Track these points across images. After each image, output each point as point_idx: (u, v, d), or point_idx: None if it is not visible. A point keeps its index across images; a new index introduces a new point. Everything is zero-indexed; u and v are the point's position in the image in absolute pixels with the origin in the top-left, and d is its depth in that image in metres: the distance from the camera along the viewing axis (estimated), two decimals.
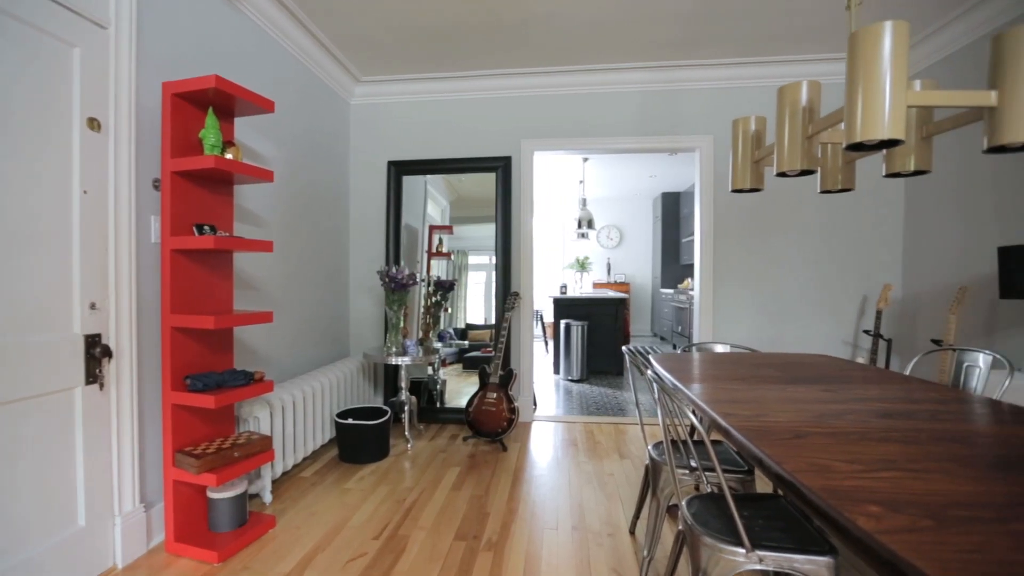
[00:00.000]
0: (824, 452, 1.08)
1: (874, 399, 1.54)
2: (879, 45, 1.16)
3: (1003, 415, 1.37)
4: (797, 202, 3.70)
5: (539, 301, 9.02)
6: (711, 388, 1.69)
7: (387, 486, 2.69)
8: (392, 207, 3.96)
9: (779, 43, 3.31)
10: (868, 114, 1.15)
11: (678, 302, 7.27)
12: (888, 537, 0.73)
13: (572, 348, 5.48)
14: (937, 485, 0.91)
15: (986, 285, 2.89)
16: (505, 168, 3.88)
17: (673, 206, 8.39)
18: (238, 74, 2.56)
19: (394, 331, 3.46)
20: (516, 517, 2.36)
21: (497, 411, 3.32)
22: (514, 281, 3.90)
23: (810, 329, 3.72)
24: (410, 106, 3.97)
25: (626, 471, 2.92)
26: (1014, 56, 1.11)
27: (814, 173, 1.65)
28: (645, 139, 3.78)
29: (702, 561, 1.31)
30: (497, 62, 3.61)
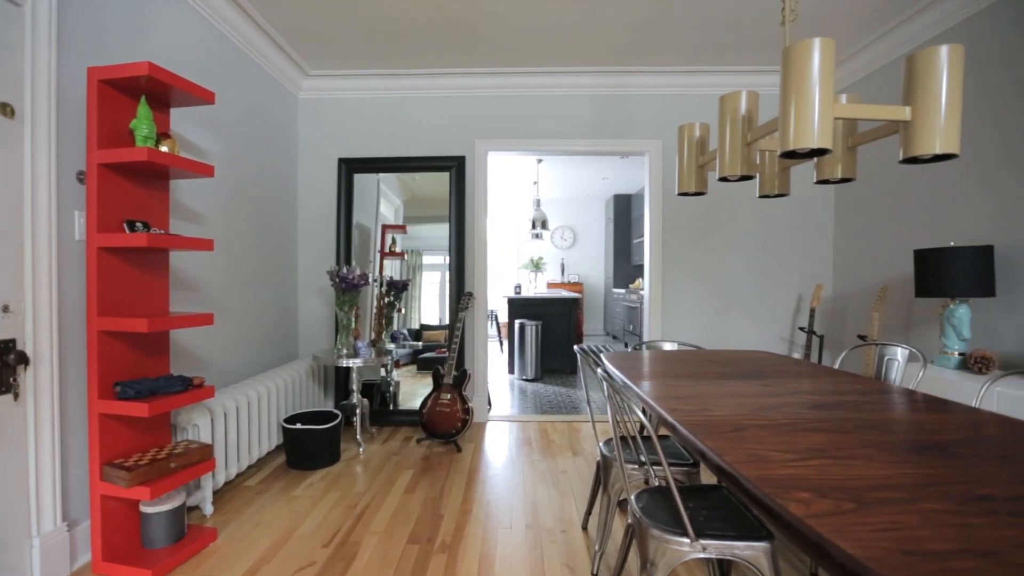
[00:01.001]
0: (761, 443, 1.14)
1: (807, 392, 1.63)
2: (809, 60, 1.23)
3: (918, 404, 1.50)
4: (739, 206, 3.89)
5: (494, 301, 9.04)
6: (659, 385, 1.75)
7: (338, 492, 2.62)
8: (343, 205, 3.86)
9: (724, 54, 3.46)
10: (800, 124, 1.23)
11: (630, 301, 7.47)
12: (815, 520, 0.78)
13: (526, 348, 5.52)
14: (859, 470, 0.98)
15: (904, 285, 3.13)
16: (459, 168, 3.86)
17: (625, 208, 8.61)
18: (176, 63, 2.42)
19: (345, 332, 3.38)
20: (470, 518, 2.35)
21: (451, 412, 3.30)
22: (468, 281, 3.89)
23: (751, 326, 3.91)
24: (362, 102, 3.88)
25: (579, 468, 2.97)
26: (924, 75, 1.22)
27: (753, 178, 1.74)
28: (597, 142, 3.86)
29: (650, 552, 1.35)
30: (451, 61, 3.59)
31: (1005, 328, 2.48)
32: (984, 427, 1.26)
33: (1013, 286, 2.43)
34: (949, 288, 2.44)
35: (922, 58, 1.23)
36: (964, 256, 2.41)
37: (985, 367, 2.33)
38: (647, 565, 1.35)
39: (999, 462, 1.02)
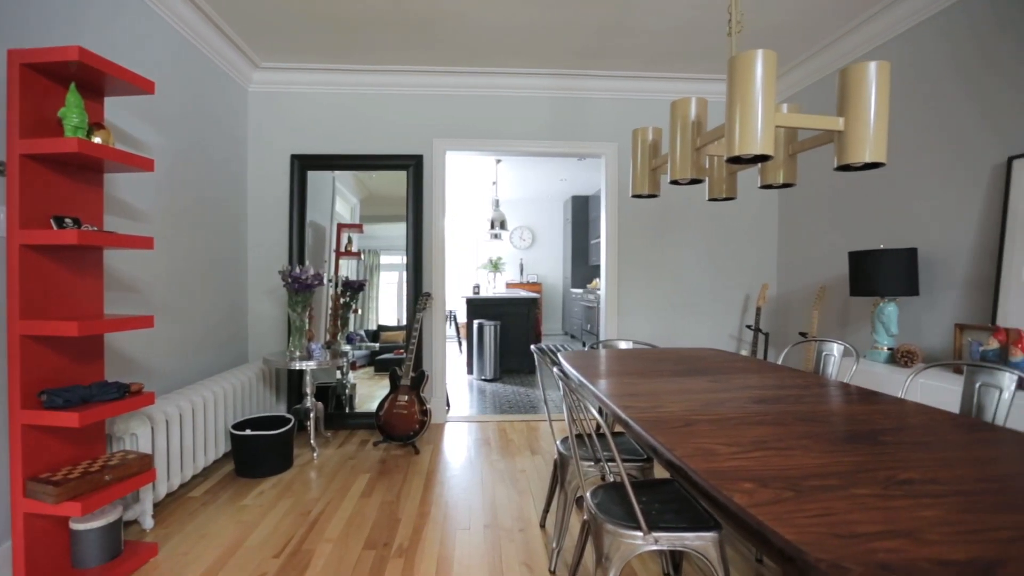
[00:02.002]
0: (709, 437, 1.18)
1: (752, 387, 1.71)
2: (753, 70, 1.29)
3: (851, 396, 1.59)
4: (691, 208, 4.02)
5: (452, 302, 8.98)
6: (614, 383, 1.79)
7: (290, 499, 2.54)
8: (296, 203, 3.74)
9: (676, 61, 3.58)
10: (744, 131, 1.28)
11: (587, 301, 7.60)
12: (757, 509, 0.82)
13: (485, 348, 5.51)
14: (798, 460, 1.03)
15: (841, 285, 3.33)
16: (417, 167, 3.81)
17: (582, 209, 8.74)
18: (113, 50, 2.28)
19: (298, 334, 3.27)
20: (428, 520, 2.33)
21: (409, 414, 3.26)
22: (426, 281, 3.85)
23: (703, 325, 4.06)
24: (316, 97, 3.77)
25: (537, 467, 2.99)
26: (855, 88, 1.30)
27: (703, 182, 1.81)
28: (555, 144, 3.91)
29: (604, 547, 1.38)
30: (410, 58, 3.54)
31: (927, 324, 2.68)
32: (908, 416, 1.35)
33: (934, 285, 2.63)
34: (879, 288, 2.62)
35: (853, 72, 1.31)
36: (892, 258, 2.59)
37: (910, 360, 2.51)
38: (602, 560, 1.38)
39: (920, 448, 1.10)
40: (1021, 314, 2.16)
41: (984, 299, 2.38)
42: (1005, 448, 1.11)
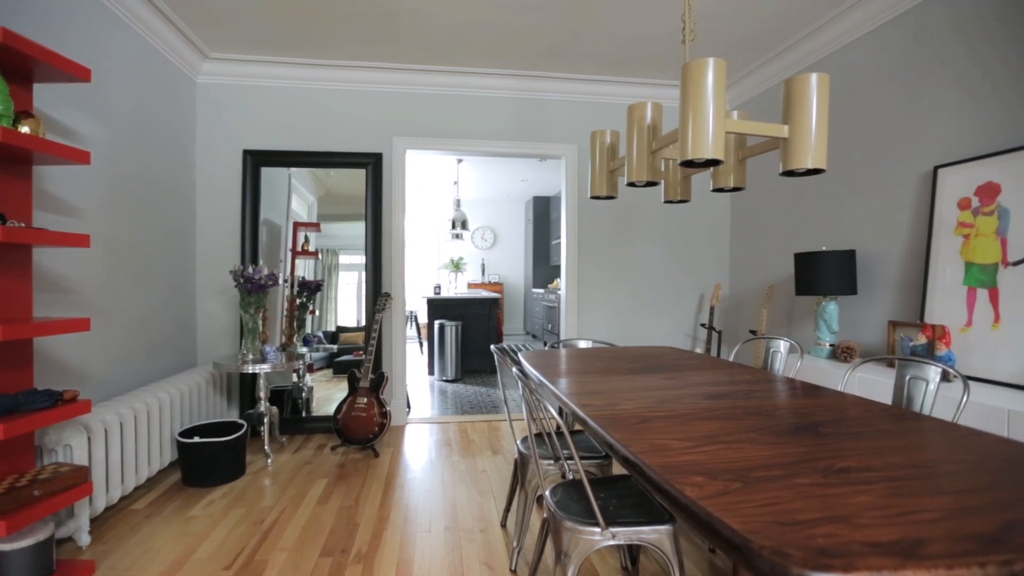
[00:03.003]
0: (663, 433, 1.22)
1: (705, 384, 1.77)
2: (704, 78, 1.34)
3: (796, 390, 1.68)
4: (648, 210, 4.13)
5: (413, 302, 8.87)
6: (573, 382, 1.81)
7: (242, 508, 2.44)
8: (249, 200, 3.60)
9: (634, 66, 3.66)
10: (696, 136, 1.33)
11: (548, 301, 7.67)
12: (707, 501, 0.85)
13: (446, 348, 5.48)
14: (746, 453, 1.08)
15: (787, 284, 3.50)
16: (376, 165, 3.75)
17: (544, 209, 8.82)
18: (46, 34, 2.12)
19: (251, 337, 3.15)
20: (388, 524, 2.29)
21: (368, 416, 3.19)
22: (386, 282, 3.79)
23: (660, 323, 4.17)
24: (271, 91, 3.64)
25: (499, 467, 3.00)
26: (799, 98, 1.37)
27: (658, 185, 1.86)
28: (516, 144, 3.92)
29: (563, 544, 1.40)
30: (370, 55, 3.47)
31: (865, 321, 2.85)
32: (846, 409, 1.44)
33: (871, 285, 2.80)
34: (821, 287, 2.76)
35: (797, 83, 1.38)
36: (833, 259, 2.74)
37: (849, 356, 2.67)
38: (561, 556, 1.39)
39: (856, 438, 1.17)
40: (946, 312, 2.33)
41: (914, 298, 2.55)
42: (930, 436, 1.19)
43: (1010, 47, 2.14)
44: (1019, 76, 2.11)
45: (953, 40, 2.37)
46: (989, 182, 2.19)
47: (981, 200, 2.21)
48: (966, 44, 2.31)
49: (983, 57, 2.24)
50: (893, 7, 2.63)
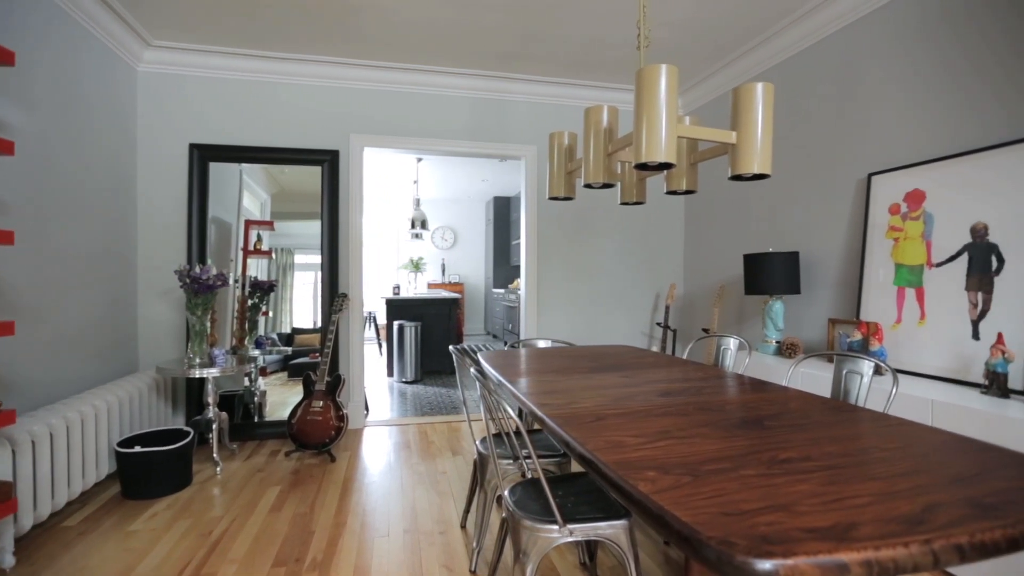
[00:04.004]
0: (618, 430, 1.25)
1: (659, 381, 1.83)
2: (657, 83, 1.38)
3: (744, 386, 1.75)
4: (606, 211, 4.21)
5: (372, 303, 8.71)
6: (531, 381, 1.82)
7: (188, 519, 2.33)
8: (196, 197, 3.44)
9: (592, 70, 3.72)
10: (650, 140, 1.37)
11: (509, 301, 7.69)
12: (659, 496, 0.87)
13: (406, 349, 5.41)
14: (697, 447, 1.12)
15: (737, 284, 3.64)
16: (332, 162, 3.65)
17: (504, 210, 8.84)
18: None
19: (198, 339, 3.01)
20: (345, 530, 2.24)
21: (324, 420, 3.11)
22: (343, 282, 3.70)
23: (618, 322, 4.26)
24: (221, 83, 3.49)
25: (459, 467, 2.98)
26: (746, 106, 1.43)
27: (615, 186, 1.90)
28: (476, 144, 3.92)
29: (522, 542, 1.41)
30: (327, 49, 3.38)
31: (808, 319, 3.00)
32: (789, 402, 1.51)
33: (813, 285, 2.96)
34: (768, 287, 2.90)
35: (743, 92, 1.44)
36: (778, 260, 2.88)
37: (793, 352, 2.81)
38: (520, 555, 1.40)
39: (797, 430, 1.23)
40: (879, 310, 2.49)
41: (851, 297, 2.71)
42: (864, 426, 1.27)
43: (932, 68, 2.31)
44: (939, 94, 2.27)
45: (885, 57, 2.53)
46: (916, 189, 2.35)
47: (909, 206, 2.38)
48: (896, 61, 2.48)
49: (909, 75, 2.41)
50: (832, 22, 2.79)
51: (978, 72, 2.14)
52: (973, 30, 2.16)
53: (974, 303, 2.10)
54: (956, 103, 2.23)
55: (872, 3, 2.57)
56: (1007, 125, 2.05)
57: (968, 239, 2.14)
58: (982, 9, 2.13)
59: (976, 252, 2.11)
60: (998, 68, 2.07)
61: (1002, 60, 2.06)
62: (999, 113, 2.07)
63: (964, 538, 0.73)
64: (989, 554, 0.74)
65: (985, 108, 2.12)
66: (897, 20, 2.47)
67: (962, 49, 2.20)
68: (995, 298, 2.03)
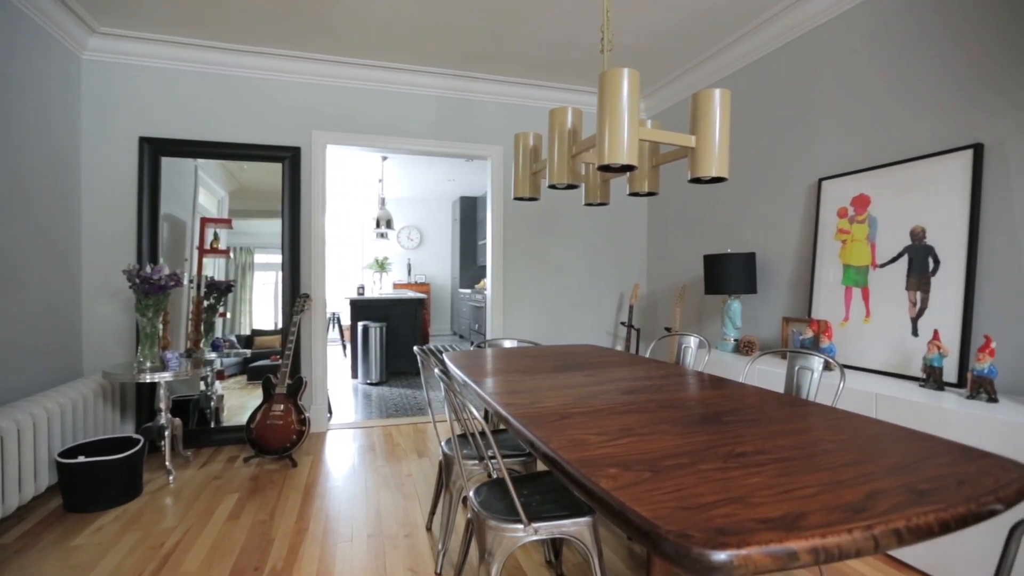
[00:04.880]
0: (582, 428, 1.26)
1: (623, 379, 1.86)
2: (620, 86, 1.40)
3: (704, 383, 1.80)
4: (571, 212, 4.25)
5: (336, 303, 8.53)
6: (497, 381, 1.83)
7: (138, 531, 2.22)
8: (147, 193, 3.28)
9: (558, 72, 3.75)
10: (612, 142, 1.39)
11: (475, 301, 7.67)
12: (620, 492, 0.89)
13: (370, 350, 5.32)
14: (657, 444, 1.15)
15: (698, 284, 3.75)
16: (294, 159, 3.56)
17: (471, 210, 8.81)
18: None
19: (149, 342, 2.88)
20: (306, 537, 2.19)
21: (285, 424, 3.03)
22: (305, 282, 3.61)
23: (583, 322, 4.31)
24: (175, 75, 3.34)
25: (424, 469, 2.96)
26: (704, 111, 1.47)
27: (579, 187, 1.92)
28: (443, 144, 3.89)
29: (487, 543, 1.41)
30: (289, 43, 3.29)
31: (763, 318, 3.12)
32: (745, 398, 1.57)
33: (768, 285, 3.08)
34: (727, 287, 2.99)
35: (702, 97, 1.49)
36: (736, 261, 2.98)
37: (750, 349, 2.91)
38: (485, 555, 1.40)
39: (753, 424, 1.28)
40: (828, 308, 2.61)
41: (803, 296, 2.83)
42: (814, 419, 1.33)
43: (877, 79, 2.44)
44: (884, 104, 2.41)
45: (834, 67, 2.66)
46: (862, 194, 2.48)
47: (855, 209, 2.50)
48: (845, 72, 2.60)
49: (856, 85, 2.54)
50: (786, 33, 2.91)
51: (919, 84, 2.28)
52: (916, 43, 2.29)
53: (913, 302, 2.23)
54: (899, 113, 2.36)
55: (823, 16, 2.70)
56: (943, 135, 2.18)
57: (908, 241, 2.27)
58: (925, 24, 2.26)
59: (915, 254, 2.24)
60: (938, 80, 2.21)
61: (942, 73, 2.20)
62: (936, 124, 2.21)
63: (902, 523, 0.78)
64: (924, 537, 0.79)
65: (924, 119, 2.26)
66: (846, 33, 2.60)
67: (905, 62, 2.33)
68: (932, 297, 2.16)
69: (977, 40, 2.07)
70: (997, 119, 2.00)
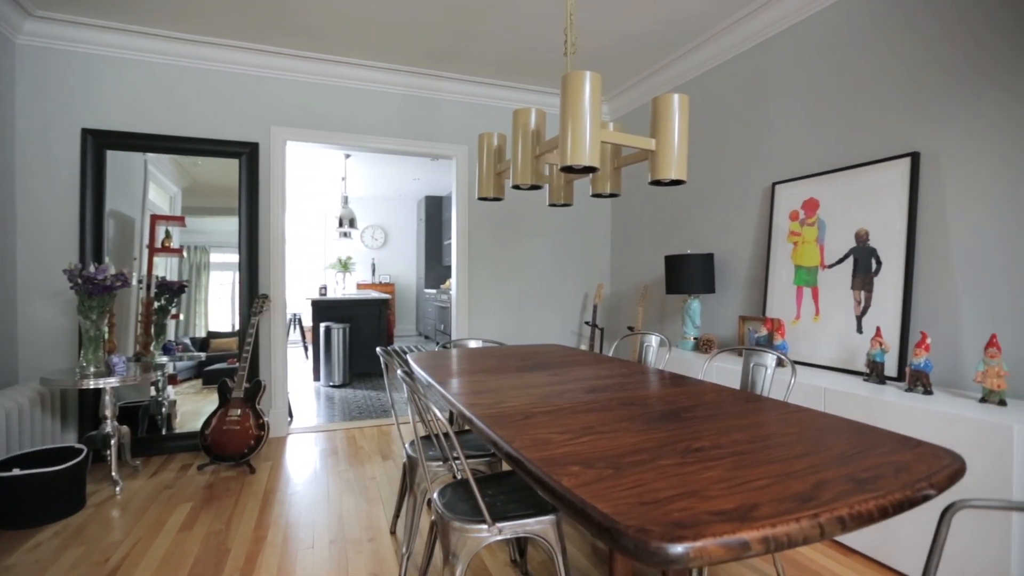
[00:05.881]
0: (545, 428, 1.27)
1: (586, 378, 1.88)
2: (582, 89, 1.42)
3: (665, 380, 1.85)
4: (536, 212, 4.28)
5: (297, 304, 8.31)
6: (461, 382, 1.82)
7: (81, 547, 2.10)
8: (91, 188, 3.11)
9: (523, 73, 3.77)
10: (574, 143, 1.41)
11: (441, 302, 7.62)
12: (582, 489, 0.90)
13: (333, 352, 5.20)
14: (618, 441, 1.17)
15: (659, 284, 3.84)
16: (252, 155, 3.44)
17: (436, 209, 8.74)
18: None
19: (93, 346, 2.73)
20: (265, 545, 2.12)
21: (242, 429, 2.92)
22: (263, 282, 3.50)
23: (547, 322, 4.34)
24: (123, 63, 3.17)
25: (389, 472, 2.92)
26: (664, 115, 1.51)
27: (542, 188, 1.94)
28: (407, 142, 3.84)
29: (452, 544, 1.40)
30: (246, 34, 3.18)
31: (722, 317, 3.22)
32: (704, 395, 1.62)
33: (726, 285, 3.18)
34: (686, 287, 3.08)
35: (662, 101, 1.52)
36: (695, 262, 3.06)
37: (709, 347, 3.00)
38: (449, 557, 1.40)
39: (710, 420, 1.32)
40: (782, 307, 2.72)
41: (758, 295, 2.94)
42: (767, 414, 1.39)
43: (827, 88, 2.56)
44: (833, 112, 2.53)
45: (788, 76, 2.77)
46: (811, 198, 2.60)
47: (806, 213, 2.62)
48: (797, 81, 2.72)
49: (805, 93, 2.66)
50: (739, 44, 3.02)
51: (863, 94, 2.40)
52: (860, 56, 2.42)
53: (858, 301, 2.35)
54: (845, 121, 2.48)
55: (773, 28, 2.81)
56: (885, 143, 2.31)
57: (853, 243, 2.39)
58: (867, 37, 2.39)
59: (860, 255, 2.36)
60: (880, 91, 2.34)
61: (884, 84, 2.33)
62: (878, 132, 2.34)
63: (845, 510, 0.82)
64: (865, 523, 0.83)
65: (868, 127, 2.38)
66: (795, 45, 2.72)
67: (850, 72, 2.46)
68: (875, 296, 2.29)
69: (915, 53, 2.20)
70: (932, 129, 2.14)
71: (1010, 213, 1.91)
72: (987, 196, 1.98)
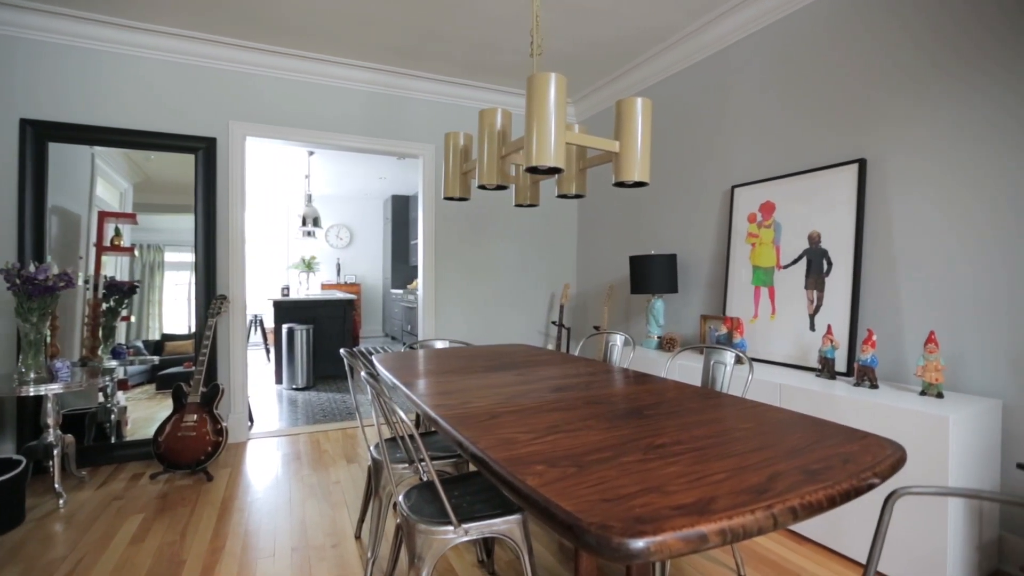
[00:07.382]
0: (510, 427, 1.28)
1: (552, 378, 1.90)
2: (547, 90, 1.43)
3: (629, 378, 1.88)
4: (503, 212, 4.29)
5: (258, 305, 8.06)
6: (427, 383, 1.80)
7: (19, 565, 1.98)
8: (30, 182, 2.93)
9: (490, 73, 3.77)
10: (540, 145, 1.42)
11: (407, 302, 7.53)
12: (546, 488, 0.91)
13: (296, 354, 5.07)
14: (582, 439, 1.18)
15: (624, 284, 3.91)
16: (209, 151, 3.32)
17: (403, 209, 8.64)
18: None
19: (33, 351, 2.57)
20: (223, 555, 2.05)
21: (198, 435, 2.82)
22: (222, 283, 3.38)
23: (514, 322, 4.36)
24: (68, 51, 3.00)
25: (354, 476, 2.86)
26: (627, 118, 1.54)
27: (508, 188, 1.94)
28: (372, 140, 3.78)
29: (417, 547, 1.39)
30: (203, 24, 3.06)
31: (684, 316, 3.30)
32: (666, 392, 1.65)
33: (688, 284, 3.26)
34: (650, 287, 3.14)
35: (625, 105, 1.55)
36: (659, 262, 3.13)
37: (672, 346, 3.07)
38: (415, 560, 1.38)
39: (672, 417, 1.35)
40: (740, 306, 2.81)
41: (719, 295, 3.03)
42: (726, 410, 1.43)
43: (780, 95, 2.66)
44: (786, 118, 2.63)
45: (747, 82, 2.87)
46: (768, 201, 2.70)
47: (763, 215, 2.72)
48: (756, 87, 2.82)
49: (762, 99, 2.76)
50: (700, 50, 3.10)
51: (816, 101, 2.51)
52: (813, 64, 2.53)
53: (811, 300, 2.46)
54: (799, 127, 2.59)
55: (732, 37, 2.90)
56: (836, 149, 2.42)
57: (806, 245, 2.49)
58: (819, 46, 2.50)
59: (813, 256, 2.46)
60: (831, 99, 2.45)
61: (835, 92, 2.43)
62: (829, 139, 2.45)
63: (796, 501, 0.85)
64: (815, 512, 0.87)
65: (819, 133, 2.49)
66: (752, 53, 2.81)
67: (804, 80, 2.56)
68: (826, 295, 2.39)
69: (864, 63, 2.31)
70: (878, 136, 2.25)
71: (941, 218, 2.03)
72: (924, 202, 2.10)
